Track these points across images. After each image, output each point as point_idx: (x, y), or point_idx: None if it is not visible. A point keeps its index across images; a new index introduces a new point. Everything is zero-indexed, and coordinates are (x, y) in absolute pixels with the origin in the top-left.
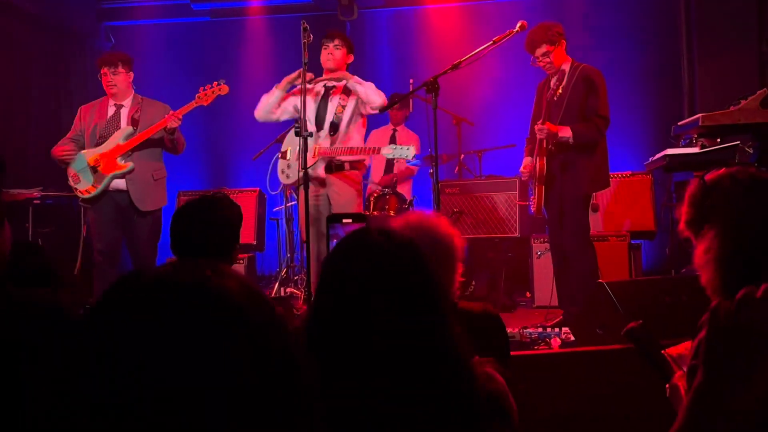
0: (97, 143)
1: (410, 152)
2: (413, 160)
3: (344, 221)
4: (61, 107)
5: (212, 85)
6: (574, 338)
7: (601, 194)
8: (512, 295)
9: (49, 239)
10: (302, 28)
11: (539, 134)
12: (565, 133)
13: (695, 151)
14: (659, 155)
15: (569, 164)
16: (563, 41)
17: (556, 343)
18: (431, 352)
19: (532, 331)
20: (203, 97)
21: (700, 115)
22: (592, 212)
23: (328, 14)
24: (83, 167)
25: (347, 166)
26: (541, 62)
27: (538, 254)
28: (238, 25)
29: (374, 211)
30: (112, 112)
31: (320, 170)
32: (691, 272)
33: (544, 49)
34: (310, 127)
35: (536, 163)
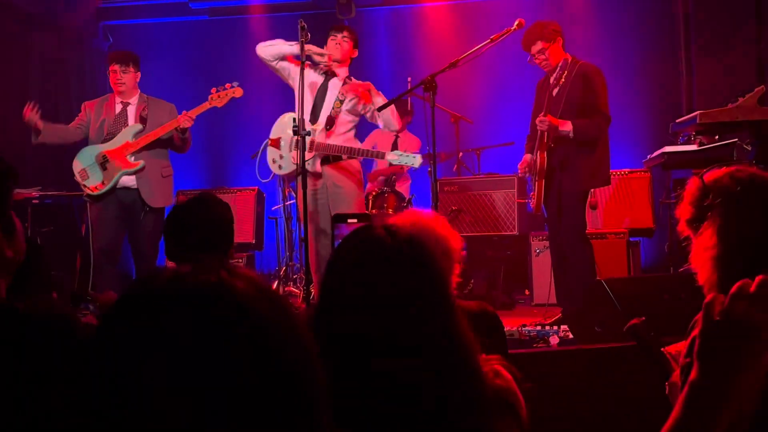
0: (104, 139)
1: (416, 161)
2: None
3: (349, 221)
4: (59, 106)
5: (224, 86)
6: (572, 336)
7: (599, 192)
8: (511, 293)
9: (48, 239)
10: (300, 26)
11: (540, 126)
12: (565, 127)
13: (693, 148)
14: (657, 152)
15: (568, 160)
16: (560, 38)
17: (554, 340)
18: (438, 346)
19: (530, 329)
20: (216, 98)
21: (698, 112)
22: (591, 210)
23: (326, 12)
24: (91, 163)
25: (345, 156)
26: (537, 59)
27: (536, 252)
28: (236, 23)
29: (373, 209)
30: (119, 109)
31: (317, 165)
32: (689, 270)
33: (539, 46)
34: (307, 124)
35: (536, 157)
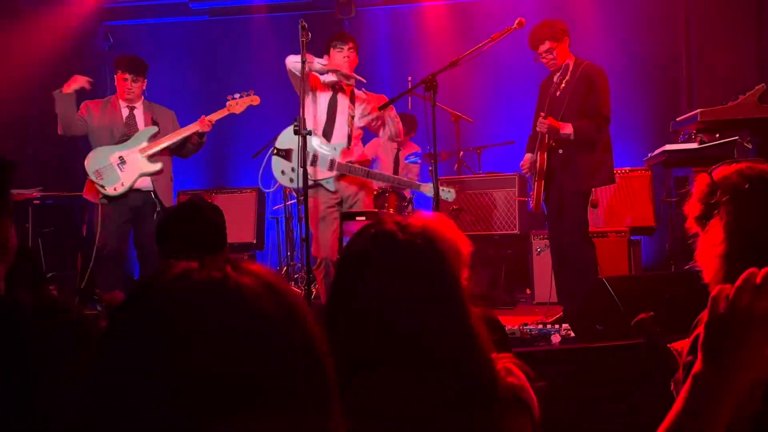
0: (118, 142)
1: (451, 195)
2: (418, 161)
3: (357, 219)
4: None
5: (241, 94)
6: (574, 335)
7: (600, 190)
8: (512, 292)
9: (49, 239)
10: (300, 26)
11: (540, 127)
12: (566, 130)
13: (694, 146)
14: (658, 151)
15: (569, 160)
16: (567, 38)
17: (556, 339)
18: (454, 341)
19: (532, 327)
20: (234, 105)
21: (698, 110)
22: (592, 208)
23: (326, 12)
24: (107, 164)
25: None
26: (544, 59)
27: (537, 251)
28: (236, 23)
29: (374, 208)
30: (126, 113)
31: (333, 182)
32: (693, 268)
33: (547, 45)
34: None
35: (537, 157)
